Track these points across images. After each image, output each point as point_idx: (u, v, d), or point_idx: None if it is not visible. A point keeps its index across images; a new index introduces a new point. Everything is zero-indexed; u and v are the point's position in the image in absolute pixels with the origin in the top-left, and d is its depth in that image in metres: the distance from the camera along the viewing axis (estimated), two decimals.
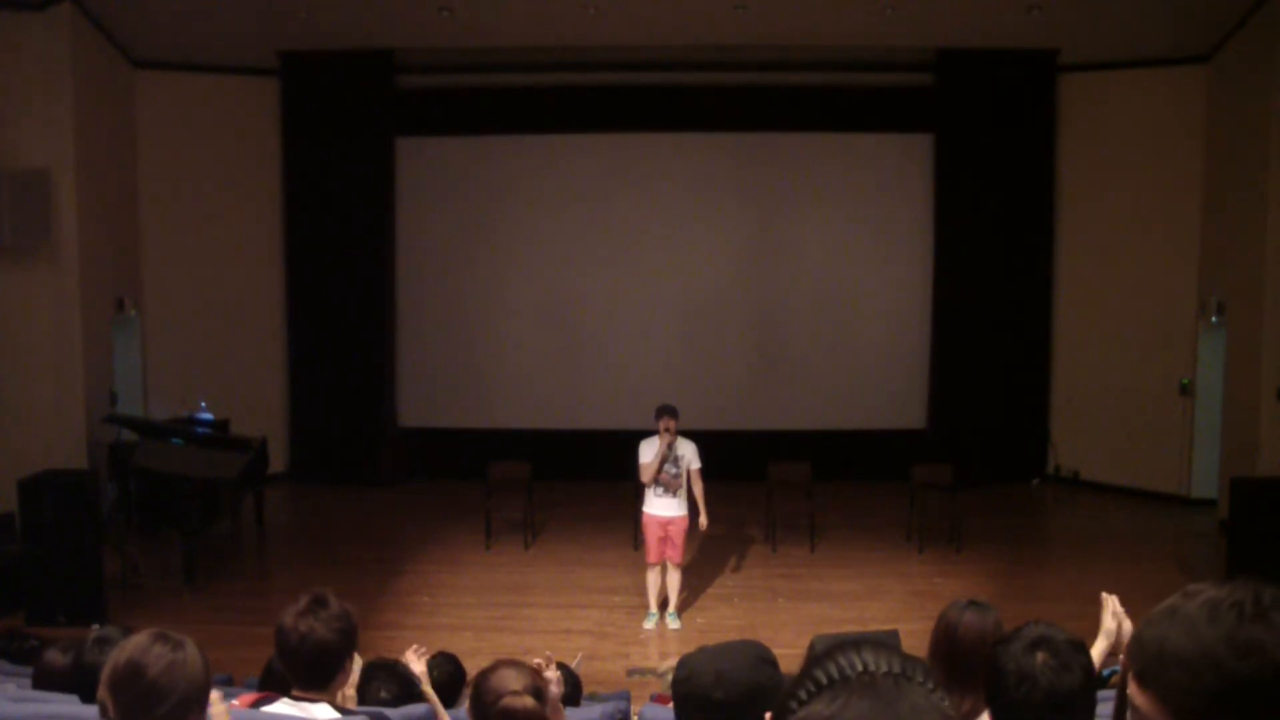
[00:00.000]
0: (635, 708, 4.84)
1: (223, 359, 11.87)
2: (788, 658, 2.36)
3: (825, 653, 1.11)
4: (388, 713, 3.35)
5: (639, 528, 8.64)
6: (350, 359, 12.21)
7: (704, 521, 8.02)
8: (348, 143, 12.03)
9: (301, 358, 12.37)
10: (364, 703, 3.67)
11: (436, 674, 4.12)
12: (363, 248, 12.21)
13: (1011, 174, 11.97)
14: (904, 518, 10.24)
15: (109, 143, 10.91)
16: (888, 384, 12.43)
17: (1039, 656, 2.27)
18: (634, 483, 8.32)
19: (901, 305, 12.44)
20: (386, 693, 3.83)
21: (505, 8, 10.95)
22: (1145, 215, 11.60)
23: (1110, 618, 3.08)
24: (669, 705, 3.28)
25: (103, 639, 3.37)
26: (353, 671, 3.28)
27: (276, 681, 3.17)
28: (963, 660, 2.77)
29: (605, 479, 11.08)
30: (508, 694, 2.62)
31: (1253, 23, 10.25)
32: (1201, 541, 10.35)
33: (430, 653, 4.22)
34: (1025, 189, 12.02)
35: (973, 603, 2.94)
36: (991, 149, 11.88)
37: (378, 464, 12.33)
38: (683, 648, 6.54)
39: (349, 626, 2.79)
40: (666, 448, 7.80)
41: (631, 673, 7.11)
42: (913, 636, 4.11)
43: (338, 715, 2.74)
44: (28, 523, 8.02)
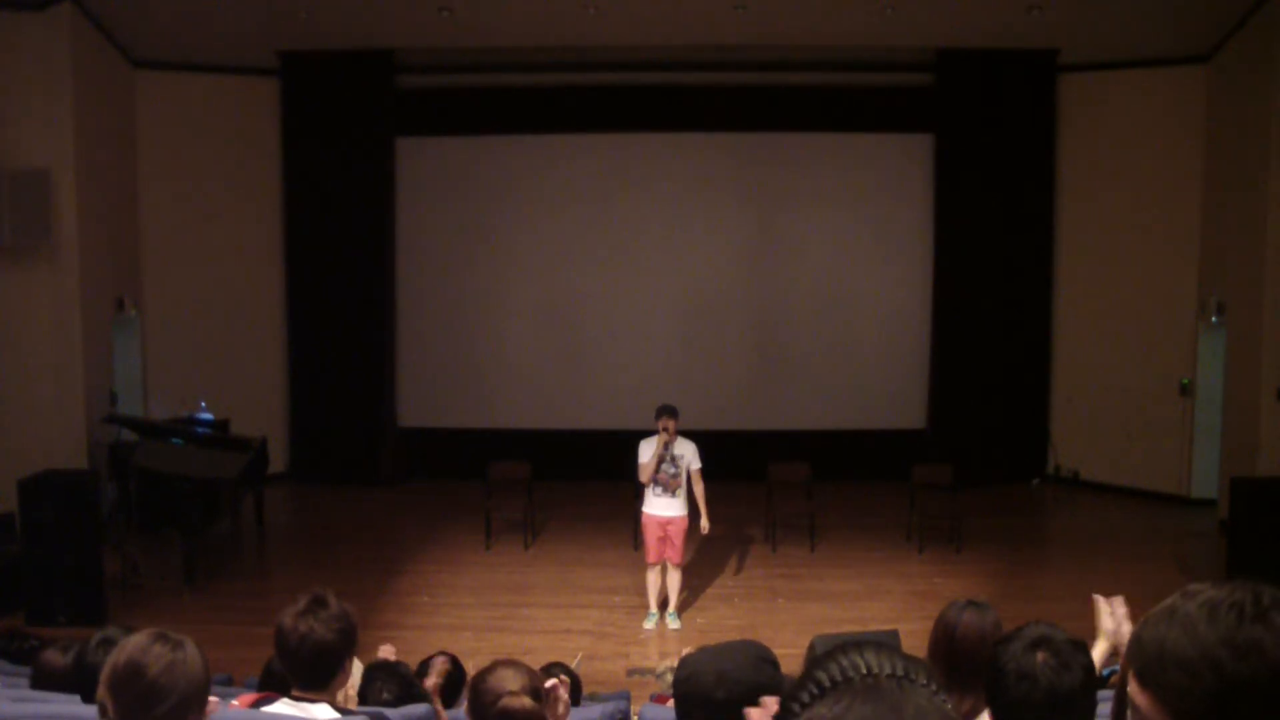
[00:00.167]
0: (635, 708, 4.84)
1: (223, 359, 11.86)
2: (788, 658, 2.37)
3: (827, 654, 1.10)
4: (388, 713, 3.35)
5: (639, 528, 8.63)
6: (350, 359, 12.20)
7: (705, 525, 7.99)
8: (348, 143, 12.03)
9: (301, 358, 12.36)
10: (365, 703, 3.68)
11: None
12: (363, 248, 12.21)
13: (1011, 174, 11.96)
14: (904, 518, 10.24)
15: (109, 143, 10.90)
16: (888, 384, 12.42)
17: (1039, 656, 2.27)
18: (634, 483, 8.31)
19: (901, 305, 12.43)
20: (388, 693, 3.84)
21: (505, 8, 10.95)
22: (1145, 215, 11.59)
23: (1108, 619, 3.07)
24: (669, 705, 3.28)
25: (106, 640, 3.37)
26: (353, 673, 3.28)
27: (276, 682, 3.17)
28: (962, 660, 2.77)
29: (605, 479, 11.07)
30: (506, 694, 2.61)
31: (1253, 23, 10.24)
32: (1201, 541, 10.35)
33: (431, 653, 4.22)
34: (1025, 189, 12.02)
35: (972, 603, 2.93)
36: (991, 149, 11.87)
37: (378, 464, 12.33)
38: (683, 648, 6.53)
39: (349, 627, 2.78)
40: (663, 447, 7.80)
41: (631, 673, 7.11)
42: (913, 636, 4.12)
43: (337, 715, 2.74)
44: (28, 523, 8.02)
